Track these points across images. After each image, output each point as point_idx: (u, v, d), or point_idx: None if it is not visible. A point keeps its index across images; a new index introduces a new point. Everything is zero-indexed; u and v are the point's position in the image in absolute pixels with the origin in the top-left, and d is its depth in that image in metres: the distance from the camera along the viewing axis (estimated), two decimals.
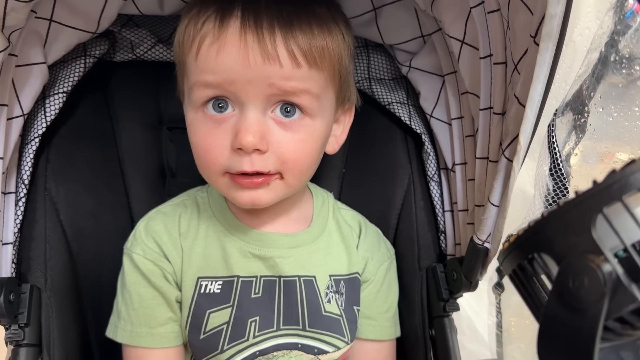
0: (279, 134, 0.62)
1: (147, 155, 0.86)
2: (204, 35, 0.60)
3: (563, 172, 0.56)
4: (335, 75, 0.65)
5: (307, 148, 0.64)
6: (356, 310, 0.75)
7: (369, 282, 0.77)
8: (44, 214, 0.72)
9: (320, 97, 0.63)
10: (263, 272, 0.70)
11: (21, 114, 0.68)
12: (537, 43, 0.53)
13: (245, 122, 0.60)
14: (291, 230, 0.72)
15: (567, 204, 0.36)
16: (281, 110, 0.62)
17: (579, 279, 0.34)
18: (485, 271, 0.72)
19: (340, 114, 0.71)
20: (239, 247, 0.70)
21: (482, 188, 0.70)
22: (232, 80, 0.59)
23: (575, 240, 0.35)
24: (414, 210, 0.84)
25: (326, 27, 0.63)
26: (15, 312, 0.66)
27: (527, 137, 0.58)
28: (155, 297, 0.68)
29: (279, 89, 0.60)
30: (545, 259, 0.38)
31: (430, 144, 0.83)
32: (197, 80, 0.61)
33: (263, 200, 0.64)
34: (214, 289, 0.68)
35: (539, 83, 0.54)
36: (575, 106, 0.56)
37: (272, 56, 0.58)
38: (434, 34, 0.76)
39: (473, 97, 0.71)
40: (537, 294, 0.40)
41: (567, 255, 0.35)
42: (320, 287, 0.72)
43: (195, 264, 0.69)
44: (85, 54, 0.76)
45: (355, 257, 0.75)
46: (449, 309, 0.78)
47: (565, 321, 0.35)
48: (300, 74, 0.60)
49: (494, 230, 0.67)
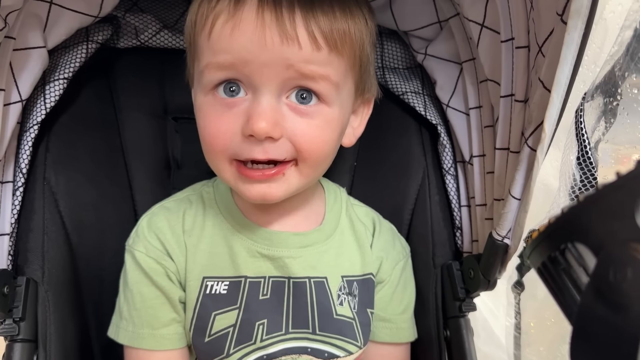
0: (294, 121, 0.58)
1: (151, 145, 0.83)
2: (218, 12, 0.56)
3: (592, 161, 0.52)
4: (355, 62, 0.61)
5: (324, 136, 0.60)
6: (369, 313, 0.71)
7: (384, 282, 0.73)
8: (42, 204, 0.70)
9: (340, 85, 0.60)
10: (272, 273, 0.67)
11: (19, 100, 0.65)
12: (564, 21, 0.49)
13: (258, 107, 0.56)
14: (302, 229, 0.69)
15: (607, 187, 0.32)
16: (297, 97, 0.58)
17: (620, 271, 0.30)
18: (504, 269, 0.69)
19: (358, 104, 0.68)
20: (246, 246, 0.66)
21: (502, 181, 0.67)
22: (246, 61, 0.56)
23: (616, 227, 0.31)
24: (429, 205, 0.80)
25: (349, 10, 0.59)
26: (10, 306, 0.63)
27: (553, 123, 0.54)
28: (158, 297, 0.65)
29: (296, 71, 0.56)
30: (580, 250, 0.34)
31: (446, 136, 0.80)
32: (210, 62, 0.58)
33: (275, 194, 0.60)
34: (220, 290, 0.65)
35: (566, 65, 0.51)
36: (607, 89, 0.52)
37: (291, 37, 0.54)
38: (452, 18, 0.73)
39: (493, 85, 0.67)
40: (570, 289, 0.36)
41: (606, 245, 0.31)
42: (332, 288, 0.68)
43: (201, 262, 0.66)
44: (88, 39, 0.74)
45: (369, 257, 0.72)
46: (465, 309, 0.74)
47: (605, 320, 0.31)
48: (320, 57, 0.56)
49: (515, 225, 0.63)
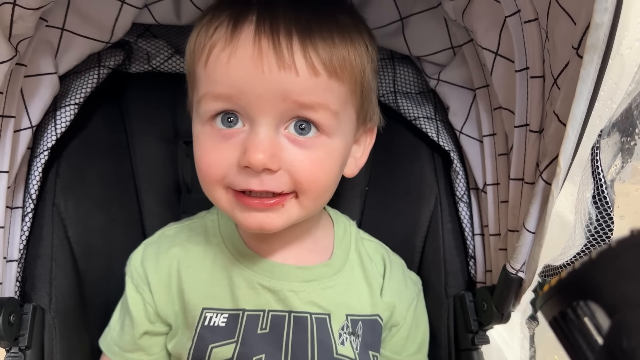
0: (293, 152, 0.57)
1: (162, 170, 0.84)
2: (215, 41, 0.56)
3: (607, 200, 0.50)
4: (356, 90, 0.60)
5: (324, 168, 0.59)
6: (372, 355, 0.69)
7: (399, 326, 0.71)
8: (51, 230, 0.70)
9: (339, 114, 0.58)
10: (272, 306, 0.65)
11: (29, 126, 0.65)
12: (580, 55, 0.48)
13: (255, 139, 0.55)
14: (306, 262, 0.67)
15: (620, 244, 0.31)
16: (295, 128, 0.57)
17: (635, 338, 0.29)
18: (518, 302, 0.67)
19: (361, 134, 0.66)
20: (247, 277, 0.65)
21: (516, 212, 0.65)
22: (242, 92, 0.55)
23: (630, 289, 0.30)
24: (441, 233, 0.79)
25: (349, 37, 0.58)
26: (16, 334, 0.63)
27: (568, 158, 0.52)
28: (129, 325, 0.67)
29: (294, 102, 0.55)
30: (592, 308, 0.32)
31: (459, 162, 0.78)
32: (206, 92, 0.57)
33: (273, 224, 0.59)
34: (219, 322, 0.64)
35: (582, 99, 0.49)
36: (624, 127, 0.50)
37: (288, 64, 0.53)
38: (465, 45, 0.72)
39: (507, 113, 0.66)
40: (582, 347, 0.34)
41: (620, 307, 0.30)
42: (334, 326, 0.66)
43: (200, 293, 0.65)
44: (100, 65, 0.74)
45: (378, 298, 0.70)
46: (478, 342, 0.72)
47: None
48: (319, 84, 0.55)
49: (529, 259, 0.61)
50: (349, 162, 0.66)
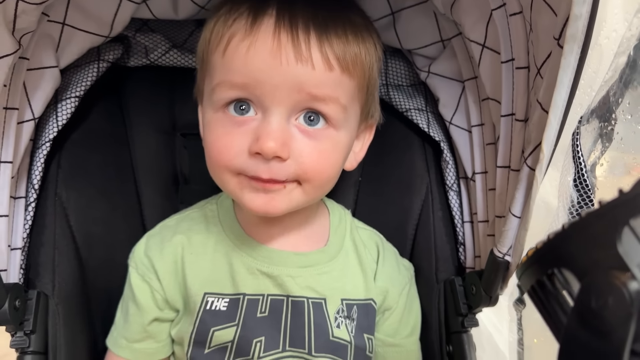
0: (302, 142, 0.59)
1: (160, 161, 0.85)
2: (234, 32, 0.58)
3: (588, 183, 0.53)
4: (363, 86, 0.63)
5: (330, 159, 0.62)
6: (367, 338, 0.71)
7: (391, 310, 0.74)
8: (53, 219, 0.71)
9: (347, 108, 0.61)
10: (270, 291, 0.68)
11: (32, 118, 0.67)
12: (560, 45, 0.50)
13: (267, 127, 0.58)
14: (302, 249, 0.70)
15: (590, 215, 0.33)
16: (305, 119, 0.60)
17: (602, 298, 0.31)
18: (505, 286, 0.69)
19: (362, 129, 0.69)
20: (246, 263, 0.67)
21: (503, 198, 0.68)
22: (259, 82, 0.57)
23: (599, 255, 0.32)
24: (432, 220, 0.81)
25: (360, 36, 0.62)
26: (21, 319, 0.65)
27: (551, 145, 0.55)
28: (136, 314, 0.68)
29: (307, 93, 0.58)
30: (566, 275, 0.35)
31: (449, 152, 0.81)
32: (222, 80, 0.59)
33: (278, 206, 0.61)
34: (220, 307, 0.66)
35: (562, 88, 0.52)
36: (602, 113, 0.53)
37: (305, 58, 0.56)
38: (454, 38, 0.74)
39: (494, 103, 0.68)
40: (557, 312, 0.37)
41: (589, 272, 0.32)
42: (330, 310, 0.69)
43: (202, 278, 0.67)
44: (99, 59, 0.76)
45: (371, 283, 0.72)
46: (468, 325, 0.74)
47: (588, 345, 0.32)
48: (332, 78, 0.58)
49: (515, 242, 0.64)
50: (349, 156, 0.68)
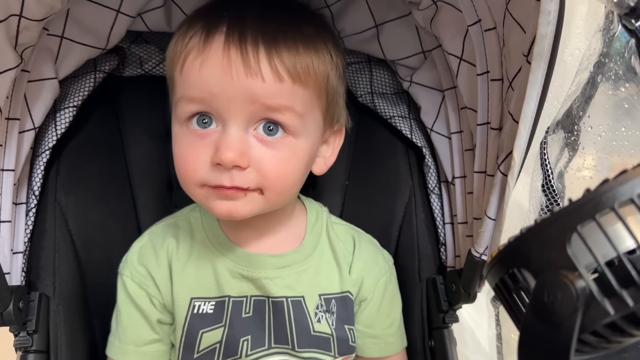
0: (261, 151, 0.61)
1: (154, 167, 0.88)
2: (189, 49, 0.61)
3: (555, 189, 0.57)
4: (321, 94, 0.65)
5: (289, 166, 0.64)
6: (347, 329, 0.74)
7: (367, 300, 0.76)
8: (53, 224, 0.74)
9: (305, 116, 0.63)
10: (253, 292, 0.71)
11: (32, 128, 0.70)
12: (529, 62, 0.54)
13: (226, 139, 0.60)
14: (279, 250, 0.72)
15: (544, 221, 0.37)
16: (264, 129, 0.62)
17: (553, 293, 0.35)
18: (483, 283, 0.73)
19: (329, 135, 0.71)
20: (229, 268, 0.70)
21: (480, 201, 0.71)
22: (214, 96, 0.60)
23: (552, 256, 0.37)
24: (415, 222, 0.85)
25: (312, 46, 0.63)
26: (24, 319, 0.68)
27: (521, 153, 0.59)
28: (140, 318, 0.70)
29: (261, 104, 0.60)
30: (524, 274, 0.39)
31: (431, 157, 0.84)
32: (182, 95, 0.62)
33: (240, 211, 0.63)
34: (207, 310, 0.69)
35: (531, 101, 0.55)
36: (566, 124, 0.57)
37: (255, 71, 0.58)
38: (434, 50, 0.78)
39: (471, 112, 0.72)
40: (518, 306, 0.41)
41: (543, 271, 0.37)
42: (309, 307, 0.72)
43: (188, 284, 0.70)
44: (96, 69, 0.79)
45: (346, 277, 0.75)
46: (449, 321, 0.78)
47: (542, 334, 0.37)
48: (284, 89, 0.60)
49: (491, 243, 0.68)
50: (318, 161, 0.70)
